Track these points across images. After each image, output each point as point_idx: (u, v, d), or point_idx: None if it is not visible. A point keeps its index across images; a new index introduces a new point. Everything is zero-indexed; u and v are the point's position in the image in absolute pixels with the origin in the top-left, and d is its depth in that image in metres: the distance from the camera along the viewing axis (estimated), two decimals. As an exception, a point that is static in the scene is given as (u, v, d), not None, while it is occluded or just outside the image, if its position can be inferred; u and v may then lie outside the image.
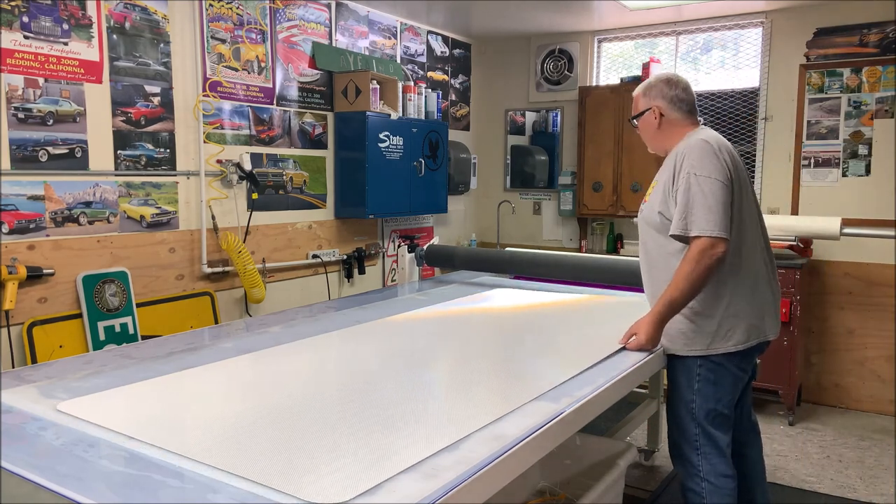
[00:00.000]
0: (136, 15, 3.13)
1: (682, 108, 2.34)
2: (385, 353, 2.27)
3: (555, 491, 2.44)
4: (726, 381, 2.27)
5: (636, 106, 2.43)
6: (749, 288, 2.24)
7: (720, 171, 2.14)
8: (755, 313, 2.25)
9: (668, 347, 2.31)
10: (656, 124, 2.36)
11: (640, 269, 2.46)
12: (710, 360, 2.24)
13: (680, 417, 2.32)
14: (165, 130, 3.29)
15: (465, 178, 5.26)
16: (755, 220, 2.31)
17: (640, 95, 2.41)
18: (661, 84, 2.36)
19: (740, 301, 2.22)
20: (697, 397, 2.27)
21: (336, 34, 4.24)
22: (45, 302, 2.88)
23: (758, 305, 2.26)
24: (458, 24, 5.02)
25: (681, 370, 2.30)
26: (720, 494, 2.25)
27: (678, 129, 2.34)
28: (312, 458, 1.38)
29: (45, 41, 2.81)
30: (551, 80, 5.36)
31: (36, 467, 1.34)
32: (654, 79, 2.40)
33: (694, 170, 2.14)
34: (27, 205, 2.80)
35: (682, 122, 2.34)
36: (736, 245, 2.20)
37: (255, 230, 3.76)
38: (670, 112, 2.33)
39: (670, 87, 2.34)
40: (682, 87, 2.35)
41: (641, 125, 2.42)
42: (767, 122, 4.56)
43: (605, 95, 4.87)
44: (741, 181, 2.24)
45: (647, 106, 2.37)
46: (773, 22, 4.52)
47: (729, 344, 2.22)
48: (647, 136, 2.43)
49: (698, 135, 2.25)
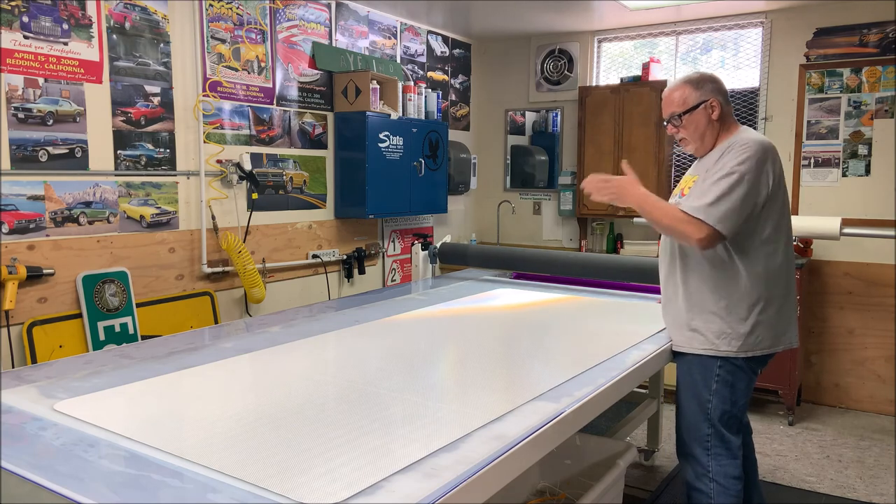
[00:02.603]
0: (136, 15, 3.13)
1: (729, 105, 2.29)
2: (385, 353, 2.27)
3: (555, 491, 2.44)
4: (743, 384, 2.27)
5: (684, 101, 2.25)
6: (784, 296, 2.24)
7: (764, 177, 2.11)
8: (784, 321, 2.25)
9: (690, 346, 2.28)
10: (713, 118, 2.24)
11: (659, 267, 2.42)
12: (732, 361, 2.23)
13: (693, 416, 2.30)
14: (165, 130, 3.29)
15: (465, 178, 5.26)
16: (789, 225, 2.28)
17: (688, 89, 2.26)
18: (711, 79, 2.28)
19: (774, 308, 2.21)
20: (714, 398, 2.25)
21: (336, 34, 4.24)
22: (45, 302, 2.88)
23: (788, 313, 2.26)
24: (458, 24, 5.02)
25: (698, 369, 2.28)
26: (728, 496, 2.24)
27: (729, 126, 2.27)
28: (312, 458, 1.38)
29: (45, 41, 2.81)
30: (551, 80, 5.36)
31: (36, 467, 1.34)
32: (699, 74, 2.29)
33: (740, 166, 2.09)
34: (27, 205, 2.80)
35: (732, 119, 2.30)
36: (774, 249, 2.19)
37: (255, 230, 3.76)
38: (725, 107, 2.26)
39: (719, 84, 2.28)
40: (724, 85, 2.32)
41: (690, 121, 2.25)
42: (767, 122, 4.55)
43: (605, 95, 4.87)
44: (784, 187, 2.22)
45: (704, 98, 2.23)
46: (773, 22, 4.52)
47: (757, 349, 2.21)
48: (695, 133, 2.26)
49: (753, 135, 2.20)
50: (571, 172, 5.26)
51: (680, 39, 4.93)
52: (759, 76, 4.60)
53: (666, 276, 2.38)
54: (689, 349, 2.28)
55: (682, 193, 2.30)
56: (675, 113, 2.28)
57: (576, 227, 5.31)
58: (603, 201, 2.30)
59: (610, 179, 2.28)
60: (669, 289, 2.37)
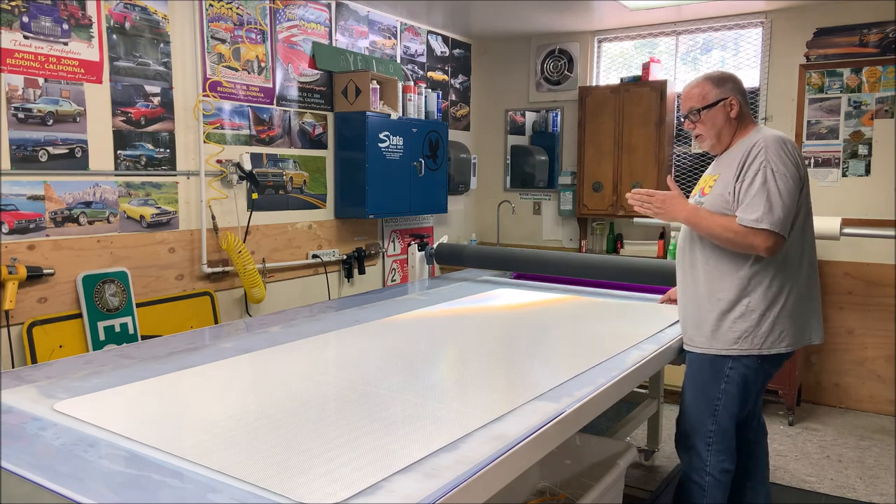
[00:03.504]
0: (136, 15, 3.13)
1: (748, 105, 2.32)
2: (385, 353, 2.27)
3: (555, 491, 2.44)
4: (756, 385, 2.28)
5: (704, 97, 2.26)
6: (808, 291, 2.23)
7: (795, 170, 2.12)
8: (807, 316, 2.24)
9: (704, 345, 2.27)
10: (732, 116, 2.26)
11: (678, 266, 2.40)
12: (745, 362, 2.22)
13: (698, 412, 2.31)
14: (165, 130, 3.29)
15: (465, 178, 5.26)
16: (810, 220, 2.29)
17: (708, 86, 2.27)
18: (731, 79, 2.29)
19: (796, 303, 2.20)
20: (724, 397, 2.26)
21: (336, 34, 4.24)
22: (45, 302, 2.88)
23: (813, 308, 2.26)
24: (458, 24, 5.02)
25: (709, 368, 2.28)
26: (721, 488, 2.29)
27: (747, 125, 2.28)
28: (312, 458, 1.38)
29: (45, 41, 2.81)
30: (551, 80, 5.36)
31: (36, 467, 1.34)
32: (719, 73, 2.32)
33: (772, 165, 2.10)
34: (27, 205, 2.80)
35: (750, 118, 2.31)
36: (799, 246, 2.20)
37: (255, 230, 3.76)
38: (744, 106, 2.29)
39: (739, 84, 2.30)
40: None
41: (708, 117, 2.27)
42: (767, 122, 4.55)
43: (605, 95, 4.87)
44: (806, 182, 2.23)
45: (724, 96, 2.25)
46: (773, 22, 4.52)
47: (782, 345, 2.20)
48: (712, 130, 2.28)
49: (769, 131, 2.22)
50: (571, 172, 5.26)
51: (680, 39, 4.93)
52: (759, 76, 4.60)
53: (683, 273, 2.37)
54: (703, 348, 2.27)
55: (703, 192, 2.31)
56: (693, 108, 2.29)
57: (576, 227, 5.31)
58: (647, 215, 2.29)
59: (654, 194, 2.28)
60: (687, 287, 2.35)
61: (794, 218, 2.14)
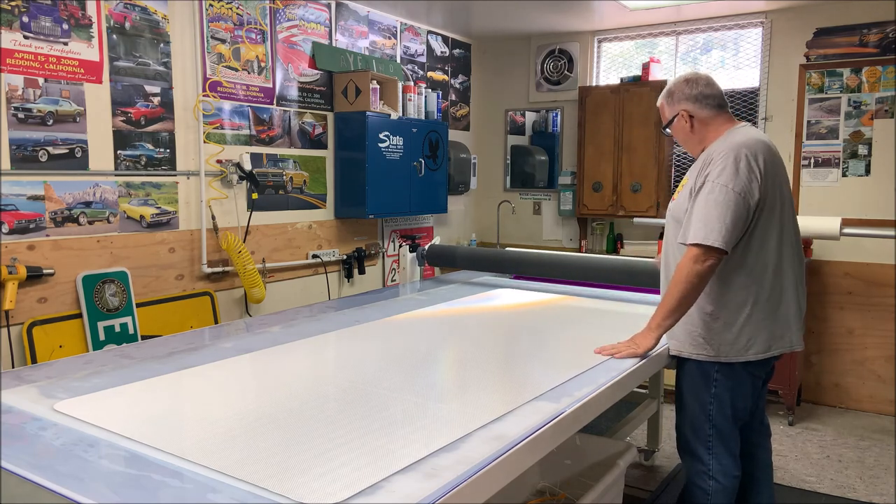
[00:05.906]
0: (136, 15, 3.13)
1: (709, 104, 2.26)
2: (385, 353, 2.27)
3: (555, 491, 2.44)
4: (744, 388, 2.27)
5: (663, 115, 2.35)
6: (775, 298, 2.20)
7: (741, 181, 2.08)
8: (779, 323, 2.21)
9: (682, 350, 2.28)
10: (688, 128, 2.28)
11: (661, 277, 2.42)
12: (728, 367, 2.22)
13: (694, 416, 2.31)
14: (165, 130, 3.29)
15: (465, 178, 5.26)
16: (791, 227, 2.25)
17: (664, 104, 2.34)
18: (682, 85, 2.29)
19: (763, 311, 2.18)
20: (715, 400, 2.26)
21: (336, 34, 4.24)
22: (45, 302, 2.88)
23: (783, 315, 2.22)
24: (458, 24, 5.02)
25: (697, 373, 2.28)
26: (725, 493, 2.27)
27: (713, 128, 2.26)
28: (312, 458, 1.38)
29: (45, 41, 2.81)
30: (551, 80, 5.36)
31: (36, 467, 1.34)
32: (673, 83, 2.32)
33: (714, 177, 2.10)
34: (27, 205, 2.80)
35: (715, 119, 2.26)
36: (761, 254, 2.17)
37: (255, 230, 3.76)
38: (699, 111, 2.26)
39: (691, 87, 2.27)
40: (704, 83, 2.28)
41: (674, 132, 2.34)
42: (767, 122, 4.55)
43: (605, 95, 4.87)
44: (778, 187, 2.19)
45: (674, 112, 2.30)
46: (773, 22, 4.52)
47: (749, 353, 2.19)
48: (682, 142, 2.36)
49: (734, 137, 2.18)
50: (571, 172, 5.26)
51: (680, 39, 4.93)
52: (759, 76, 4.60)
53: (664, 282, 2.40)
54: (687, 354, 2.28)
55: (673, 198, 2.35)
56: (662, 125, 2.40)
57: (576, 227, 5.31)
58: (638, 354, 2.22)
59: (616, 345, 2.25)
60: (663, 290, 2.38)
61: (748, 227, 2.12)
